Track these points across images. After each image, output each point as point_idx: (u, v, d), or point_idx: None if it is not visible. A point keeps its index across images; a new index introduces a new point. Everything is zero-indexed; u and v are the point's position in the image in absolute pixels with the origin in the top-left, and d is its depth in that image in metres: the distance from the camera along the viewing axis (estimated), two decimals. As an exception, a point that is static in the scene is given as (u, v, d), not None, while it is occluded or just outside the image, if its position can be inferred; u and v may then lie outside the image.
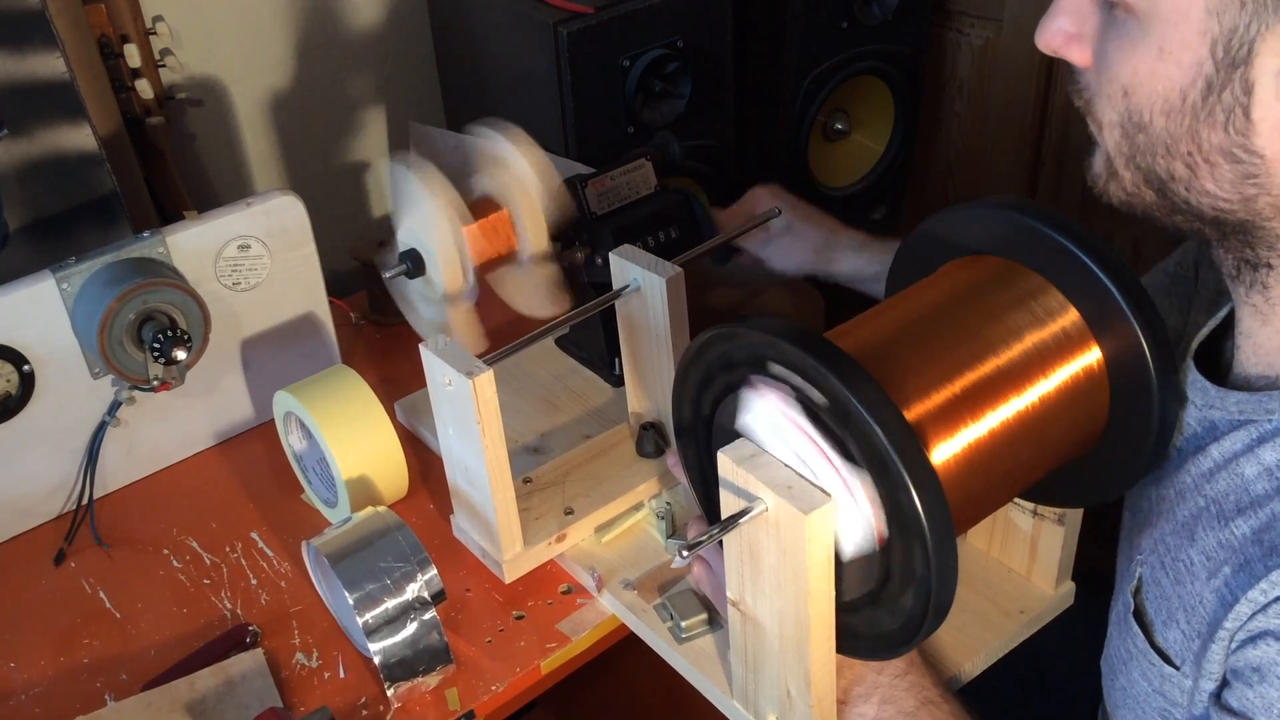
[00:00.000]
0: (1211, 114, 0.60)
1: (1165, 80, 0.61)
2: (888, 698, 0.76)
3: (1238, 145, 0.60)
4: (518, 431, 1.10)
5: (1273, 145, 0.60)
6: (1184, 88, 0.60)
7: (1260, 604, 0.63)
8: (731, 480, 0.69)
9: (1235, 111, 0.59)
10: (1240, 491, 0.67)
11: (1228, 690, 0.66)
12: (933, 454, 0.66)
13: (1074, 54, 0.67)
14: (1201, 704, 0.69)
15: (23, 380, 1.01)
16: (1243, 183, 0.62)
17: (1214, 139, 0.61)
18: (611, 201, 1.10)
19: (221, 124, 1.43)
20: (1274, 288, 0.67)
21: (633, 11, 1.22)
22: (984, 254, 0.75)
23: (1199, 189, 0.63)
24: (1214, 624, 0.66)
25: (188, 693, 0.88)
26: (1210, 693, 0.68)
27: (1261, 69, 0.58)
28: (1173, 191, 0.65)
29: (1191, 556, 0.69)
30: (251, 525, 1.06)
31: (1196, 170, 0.63)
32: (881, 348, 0.69)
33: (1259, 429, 0.67)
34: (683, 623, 0.88)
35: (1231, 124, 0.60)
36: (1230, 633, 0.65)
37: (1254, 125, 0.59)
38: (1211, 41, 0.58)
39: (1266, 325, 0.69)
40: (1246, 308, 0.70)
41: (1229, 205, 0.63)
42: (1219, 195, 0.63)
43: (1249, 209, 0.63)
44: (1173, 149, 0.63)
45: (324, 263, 1.15)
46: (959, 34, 1.60)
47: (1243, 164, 0.61)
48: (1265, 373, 0.69)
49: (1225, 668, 0.67)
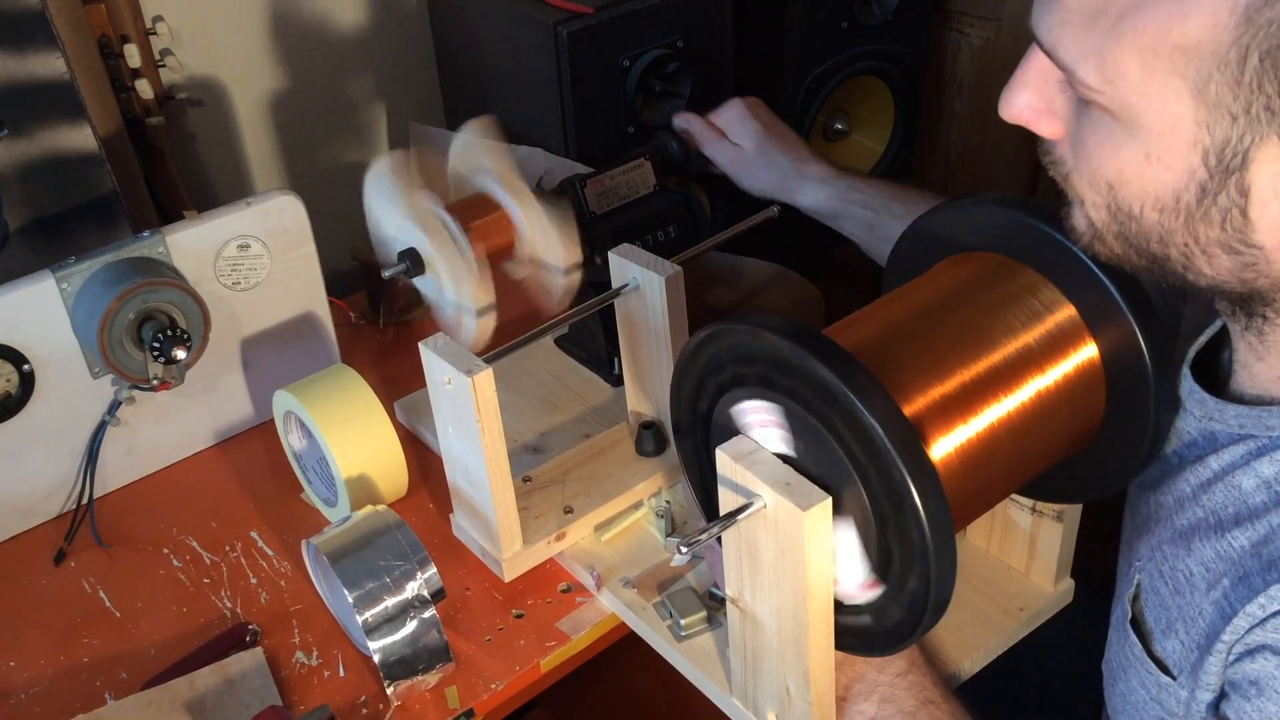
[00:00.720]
0: (1207, 214, 0.58)
1: (1156, 182, 0.59)
2: (888, 696, 0.76)
3: (1236, 240, 0.59)
4: (518, 431, 1.10)
5: (1272, 239, 0.58)
6: (1177, 191, 0.58)
7: (1258, 618, 0.63)
8: (730, 477, 0.69)
9: (1231, 211, 0.58)
10: (1238, 503, 0.67)
11: (1225, 703, 0.66)
12: (931, 450, 0.66)
13: (1044, 129, 0.65)
14: (1199, 715, 0.69)
15: (23, 380, 1.01)
16: (1242, 270, 0.60)
17: (1210, 234, 0.59)
18: (610, 201, 1.11)
19: (221, 124, 1.43)
20: (1270, 334, 0.66)
21: (633, 11, 1.23)
22: (981, 250, 0.75)
23: (1196, 271, 0.62)
24: (1212, 636, 0.66)
25: (188, 692, 0.88)
26: (1208, 704, 0.68)
27: (1258, 174, 0.56)
28: (1167, 270, 0.63)
29: (1190, 567, 0.69)
30: (251, 525, 1.06)
31: (1192, 258, 0.61)
32: (879, 344, 0.69)
33: (1258, 443, 0.67)
34: (682, 621, 0.88)
35: (1229, 222, 0.58)
36: (1228, 645, 0.65)
37: (1252, 223, 0.58)
38: (1204, 151, 0.56)
39: (1261, 361, 0.68)
40: (1242, 342, 0.69)
41: (1228, 285, 0.62)
42: (1217, 278, 0.62)
43: (1248, 287, 0.62)
44: (1168, 239, 0.61)
45: (324, 263, 1.15)
46: (959, 34, 1.60)
47: (1241, 255, 0.60)
48: (1261, 395, 0.69)
49: (1223, 680, 0.66)
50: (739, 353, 0.69)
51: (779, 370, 0.66)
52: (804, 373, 0.64)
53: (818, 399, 0.64)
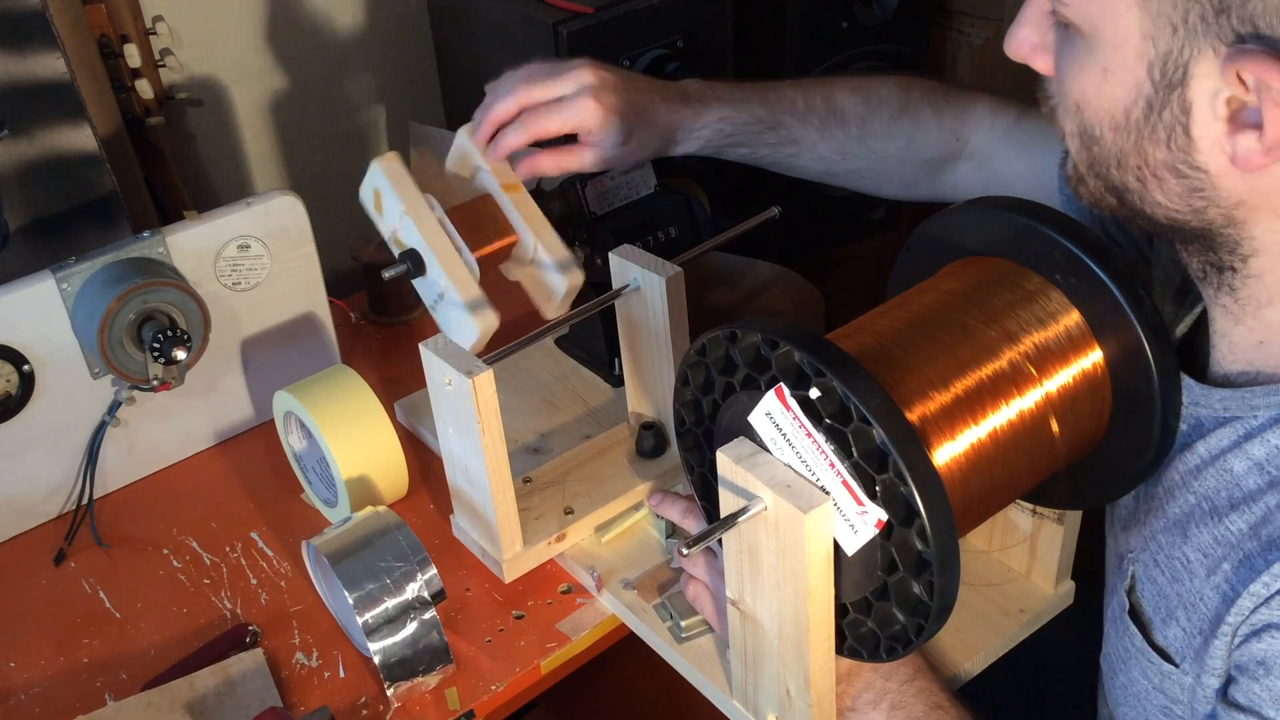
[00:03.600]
0: (1154, 132, 0.61)
1: (1110, 99, 0.62)
2: (897, 703, 0.76)
3: (1181, 161, 0.62)
4: (518, 431, 1.10)
5: (1215, 161, 0.61)
6: (1127, 106, 0.62)
7: (1262, 597, 0.63)
8: (730, 479, 0.69)
9: (1176, 129, 0.61)
10: (1231, 487, 0.67)
11: (1234, 686, 0.66)
12: (935, 455, 0.66)
13: (1039, 63, 0.68)
14: (1205, 701, 0.69)
15: (23, 380, 1.01)
16: (1190, 196, 0.63)
17: (1158, 155, 0.62)
18: (611, 201, 1.10)
19: (221, 124, 1.43)
20: (1241, 289, 0.67)
21: (633, 11, 1.23)
22: (986, 255, 0.75)
23: (1151, 200, 0.65)
24: (1216, 620, 0.66)
25: (188, 692, 0.88)
26: (1215, 689, 0.68)
27: (1197, 90, 0.59)
28: (1128, 202, 0.66)
29: (1187, 554, 0.69)
30: (251, 525, 1.06)
31: (1146, 183, 0.64)
32: (883, 349, 0.69)
33: (1245, 425, 0.68)
34: (682, 622, 0.88)
35: (1173, 141, 0.61)
36: (1233, 628, 0.65)
37: (1194, 143, 0.60)
38: (1148, 64, 0.60)
39: (1239, 325, 0.69)
40: (1217, 308, 0.70)
41: (1181, 216, 0.64)
42: (1170, 207, 0.64)
43: (1200, 219, 0.64)
44: (1123, 163, 0.64)
45: (324, 263, 1.15)
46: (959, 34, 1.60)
47: (1188, 179, 0.62)
48: (1245, 369, 0.70)
49: (1229, 664, 0.67)
50: (744, 356, 0.69)
51: (784, 375, 0.66)
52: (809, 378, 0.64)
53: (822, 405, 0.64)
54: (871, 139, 1.04)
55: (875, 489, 0.63)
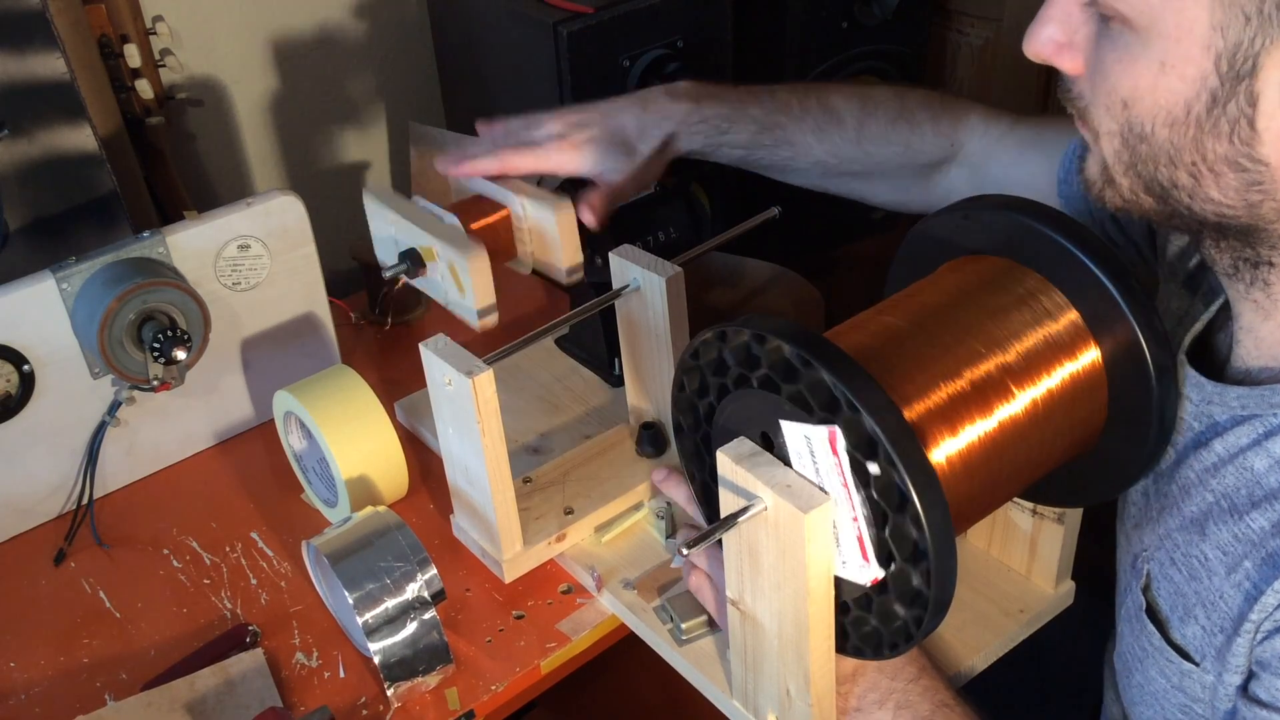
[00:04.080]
0: (1216, 125, 0.60)
1: (1168, 93, 0.61)
2: (903, 703, 0.76)
3: (1243, 155, 0.60)
4: (518, 431, 1.10)
5: (1277, 153, 0.60)
6: (1188, 100, 0.60)
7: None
8: (730, 479, 0.69)
9: (1240, 122, 0.59)
10: (1252, 485, 0.67)
11: (1255, 682, 0.66)
12: (932, 453, 0.66)
13: (1065, 63, 0.66)
14: (1226, 698, 0.69)
15: (23, 380, 1.01)
16: (1248, 190, 0.62)
17: (1219, 149, 0.61)
18: (611, 201, 1.10)
19: (221, 124, 1.43)
20: (1275, 284, 0.67)
21: (633, 11, 1.23)
22: (984, 254, 0.75)
23: (1203, 196, 0.63)
24: (1239, 618, 0.66)
25: (188, 693, 0.88)
26: (1237, 686, 0.68)
27: (1266, 81, 0.58)
28: (1175, 199, 0.64)
29: (1205, 552, 0.69)
30: (251, 525, 1.06)
31: (1201, 179, 0.62)
32: (880, 347, 0.69)
33: (1265, 423, 0.67)
34: (683, 625, 0.88)
35: (1237, 134, 0.60)
36: (1256, 624, 0.65)
37: (1259, 135, 0.59)
38: (1216, 56, 0.58)
39: (1269, 320, 0.69)
40: (1246, 303, 0.70)
41: (1233, 211, 0.63)
42: (1223, 202, 0.63)
43: (1253, 214, 0.63)
44: (1176, 159, 0.62)
45: (324, 263, 1.15)
46: (959, 34, 1.60)
47: (1248, 172, 0.61)
48: (1269, 365, 0.69)
49: (1251, 659, 0.67)
50: (740, 355, 0.69)
51: (774, 370, 0.66)
52: (805, 375, 0.64)
53: (812, 397, 0.64)
54: (868, 142, 1.04)
55: (868, 477, 0.63)
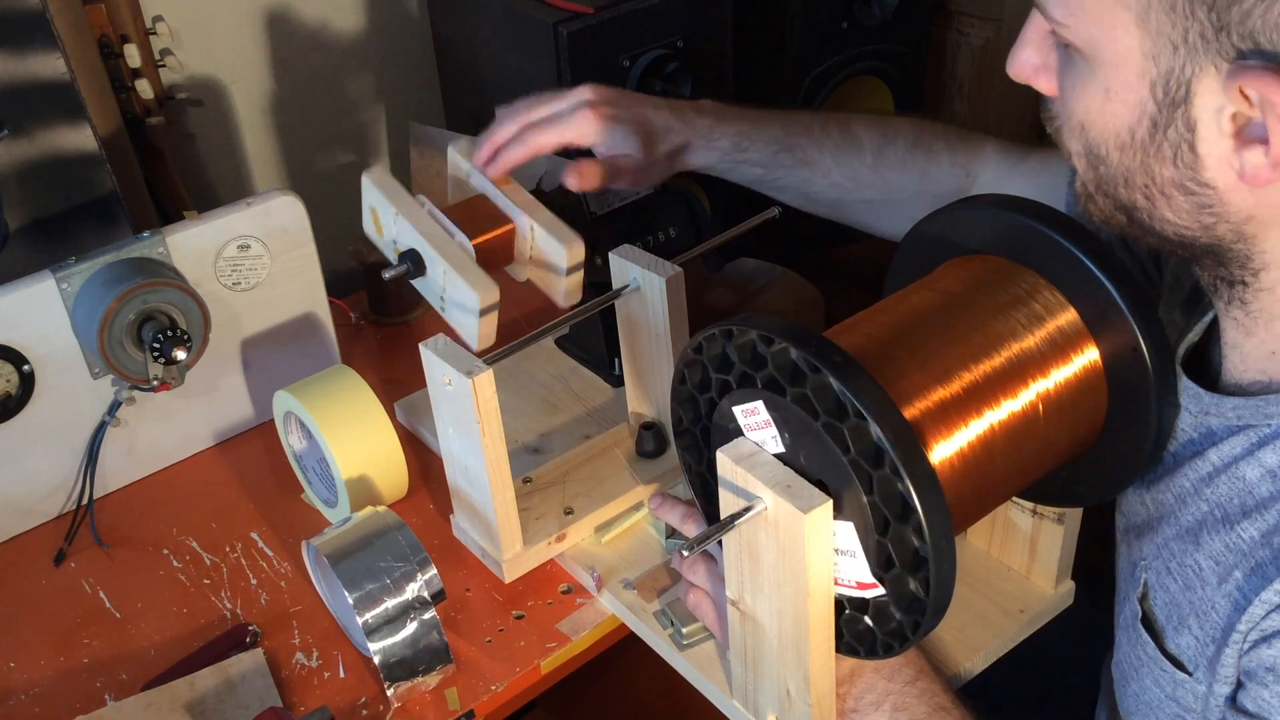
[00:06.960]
0: (1160, 150, 0.61)
1: (1114, 118, 0.62)
2: (900, 705, 0.76)
3: (1188, 178, 0.61)
4: (518, 431, 1.10)
5: (1222, 177, 0.60)
6: (1131, 125, 0.61)
7: (1273, 604, 0.63)
8: (730, 479, 0.69)
9: (1181, 147, 0.60)
10: (1244, 495, 0.67)
11: (1242, 692, 0.66)
12: (931, 452, 0.66)
13: (1041, 84, 0.68)
14: (1217, 709, 0.69)
15: (23, 380, 1.01)
16: (1199, 212, 0.62)
17: (1165, 173, 0.62)
18: (611, 201, 1.11)
19: (221, 124, 1.43)
20: (1252, 302, 0.67)
21: (633, 11, 1.22)
22: (983, 253, 0.75)
23: (1160, 218, 0.64)
24: (1228, 628, 0.66)
25: (188, 693, 0.88)
26: (1226, 697, 0.68)
27: (1201, 107, 0.58)
28: (1138, 219, 0.66)
29: (1199, 561, 0.69)
30: (251, 525, 1.06)
31: (1154, 201, 0.64)
32: (880, 347, 0.69)
33: (1258, 433, 0.67)
34: (684, 629, 0.87)
35: (1180, 158, 0.61)
36: (1243, 635, 0.65)
37: (1201, 159, 0.60)
38: (1150, 83, 0.59)
39: (1251, 337, 0.69)
40: (1229, 320, 0.70)
41: (1191, 232, 0.64)
42: (1179, 223, 0.64)
43: (1210, 235, 0.64)
44: (1130, 181, 0.64)
45: (324, 263, 1.15)
46: (959, 34, 1.60)
47: (1196, 195, 0.62)
48: (1258, 379, 0.70)
49: (1238, 669, 0.67)
50: (740, 354, 0.69)
51: (780, 372, 0.66)
52: (804, 375, 0.64)
53: (818, 401, 0.64)
54: (886, 169, 1.05)
55: (872, 484, 0.63)
